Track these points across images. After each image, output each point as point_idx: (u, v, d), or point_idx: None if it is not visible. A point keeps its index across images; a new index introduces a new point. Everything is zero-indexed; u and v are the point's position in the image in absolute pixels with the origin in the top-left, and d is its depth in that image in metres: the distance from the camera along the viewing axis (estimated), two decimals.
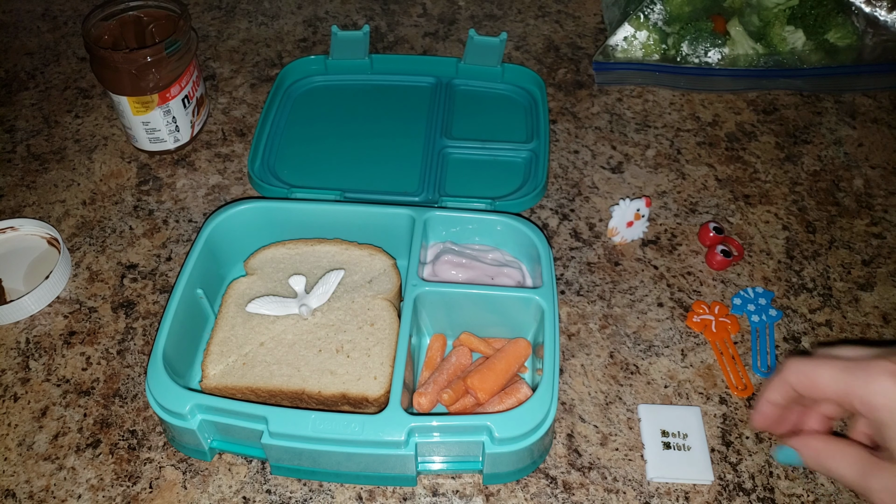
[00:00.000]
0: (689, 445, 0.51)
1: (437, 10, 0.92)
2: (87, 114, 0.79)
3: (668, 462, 0.50)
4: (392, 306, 0.55)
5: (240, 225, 0.59)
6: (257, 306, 0.55)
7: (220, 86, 0.82)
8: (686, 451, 0.51)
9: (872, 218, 0.68)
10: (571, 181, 0.71)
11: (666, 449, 0.51)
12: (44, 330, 0.60)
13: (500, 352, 0.54)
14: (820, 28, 0.79)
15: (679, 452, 0.51)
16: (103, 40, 0.70)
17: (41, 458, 0.53)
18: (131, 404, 0.55)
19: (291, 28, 0.89)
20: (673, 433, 0.51)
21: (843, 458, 0.38)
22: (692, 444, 0.51)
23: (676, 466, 0.50)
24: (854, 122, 0.77)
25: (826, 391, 0.38)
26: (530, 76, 0.77)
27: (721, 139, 0.75)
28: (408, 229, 0.58)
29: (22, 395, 0.56)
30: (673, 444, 0.51)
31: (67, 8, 0.94)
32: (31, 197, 0.71)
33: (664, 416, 0.52)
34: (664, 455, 0.51)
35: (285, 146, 0.73)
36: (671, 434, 0.51)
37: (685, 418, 0.52)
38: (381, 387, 0.50)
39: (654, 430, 0.52)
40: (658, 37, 0.80)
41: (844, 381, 0.37)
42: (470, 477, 0.51)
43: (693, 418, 0.52)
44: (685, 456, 0.51)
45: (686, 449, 0.51)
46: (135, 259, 0.65)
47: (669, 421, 0.52)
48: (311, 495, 0.50)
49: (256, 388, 0.51)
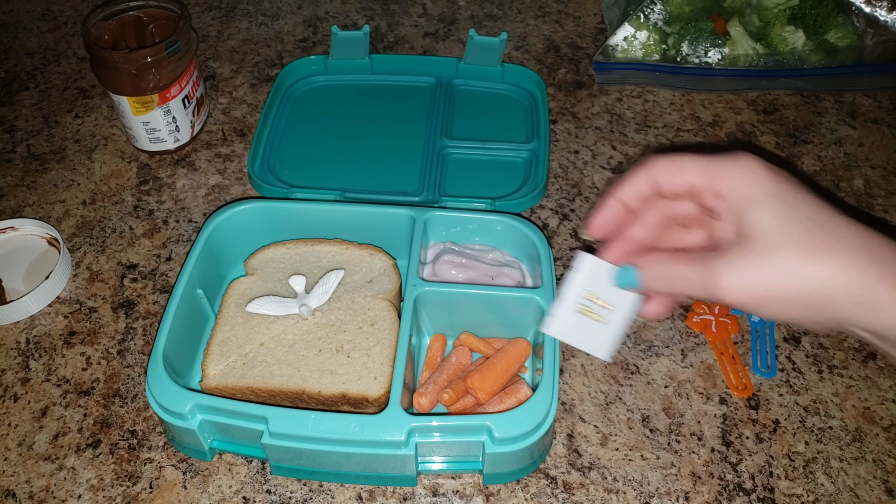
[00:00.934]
0: (605, 318, 0.44)
1: (437, 10, 0.92)
2: (87, 114, 0.79)
3: (574, 325, 0.44)
4: (392, 306, 0.55)
5: (240, 225, 0.59)
6: (257, 306, 0.55)
7: (220, 86, 0.82)
8: (598, 323, 0.44)
9: (872, 218, 0.68)
10: (571, 181, 0.71)
11: (579, 312, 0.44)
12: (44, 330, 0.60)
13: (500, 352, 0.54)
14: (820, 28, 0.78)
15: (591, 321, 0.44)
16: (103, 40, 0.70)
17: (41, 458, 0.53)
18: (131, 404, 0.55)
19: (291, 28, 0.89)
20: (598, 299, 0.44)
21: (681, 267, 0.37)
22: (611, 319, 0.44)
23: (581, 332, 0.44)
24: (854, 123, 0.77)
25: (690, 178, 0.37)
26: (530, 76, 0.77)
27: (721, 139, 0.75)
28: (408, 229, 0.58)
29: (22, 395, 0.56)
30: (592, 309, 0.44)
31: (67, 8, 0.94)
32: (31, 197, 0.71)
33: (602, 278, 0.43)
34: (574, 317, 0.44)
35: (285, 146, 0.73)
36: (595, 299, 0.44)
37: (622, 294, 0.44)
38: (381, 387, 0.50)
39: (579, 287, 0.44)
40: (658, 37, 0.80)
41: (711, 168, 0.37)
42: (470, 477, 0.51)
43: (629, 299, 0.44)
44: (595, 326, 0.44)
45: (600, 320, 0.44)
46: (135, 259, 0.65)
47: (603, 287, 0.43)
48: (311, 495, 0.50)
49: (256, 388, 0.51)
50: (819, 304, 0.34)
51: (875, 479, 0.51)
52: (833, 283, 0.33)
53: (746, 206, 0.35)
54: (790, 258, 0.34)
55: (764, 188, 0.35)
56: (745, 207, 0.35)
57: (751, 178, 0.35)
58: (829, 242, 0.34)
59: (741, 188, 0.36)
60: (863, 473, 0.51)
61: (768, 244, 0.34)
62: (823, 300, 0.34)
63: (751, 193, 0.35)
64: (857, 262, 0.33)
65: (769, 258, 0.34)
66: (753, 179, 0.35)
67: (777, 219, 0.34)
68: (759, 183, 0.35)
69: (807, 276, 0.34)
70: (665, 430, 0.53)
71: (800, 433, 0.53)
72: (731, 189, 0.36)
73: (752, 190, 0.35)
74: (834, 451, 0.52)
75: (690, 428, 0.53)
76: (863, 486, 0.50)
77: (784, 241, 0.34)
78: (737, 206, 0.36)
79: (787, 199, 0.35)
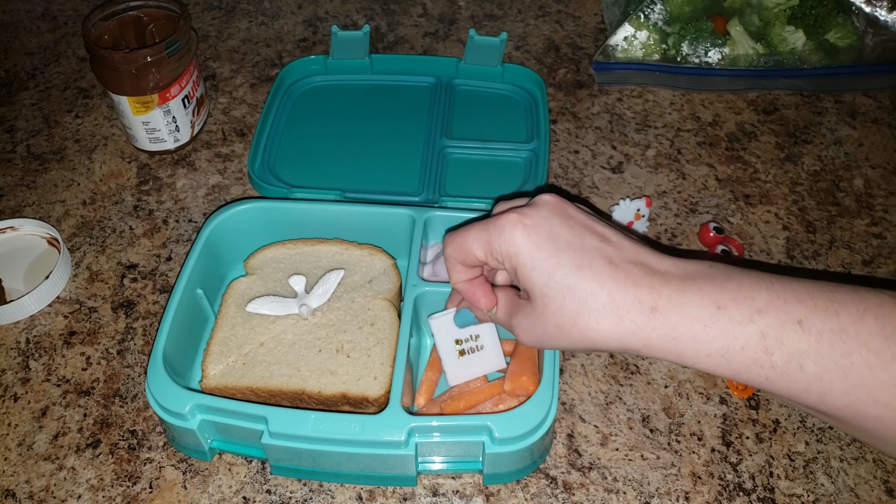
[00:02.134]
0: (481, 345, 0.52)
1: (438, 10, 0.92)
2: (87, 114, 0.79)
3: (465, 366, 0.52)
4: (392, 306, 0.55)
5: (240, 225, 0.59)
6: (257, 306, 0.55)
7: (220, 86, 0.82)
8: (479, 352, 0.52)
9: (872, 218, 0.68)
10: (572, 181, 0.71)
11: (461, 356, 0.52)
12: (44, 330, 0.60)
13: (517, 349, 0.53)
14: (820, 28, 0.78)
15: (473, 355, 0.52)
16: (103, 40, 0.70)
17: (41, 458, 0.52)
18: (131, 404, 0.55)
19: (291, 28, 0.89)
20: (465, 339, 0.52)
21: (500, 309, 0.44)
22: (484, 342, 0.52)
23: (473, 367, 0.52)
24: (854, 122, 0.77)
25: (477, 254, 0.42)
26: (530, 76, 0.77)
27: (721, 139, 0.75)
28: (408, 229, 0.58)
29: (22, 395, 0.56)
30: (467, 349, 0.52)
31: (67, 8, 0.94)
32: (31, 197, 0.71)
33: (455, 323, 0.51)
34: (460, 361, 0.52)
35: (285, 146, 0.73)
36: (464, 340, 0.52)
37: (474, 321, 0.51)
38: (381, 387, 0.50)
39: (448, 342, 0.51)
40: (658, 37, 0.80)
41: (485, 239, 0.41)
42: (470, 477, 0.51)
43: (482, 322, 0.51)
44: (479, 356, 0.52)
45: (479, 349, 0.52)
46: (135, 259, 0.65)
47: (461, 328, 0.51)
48: (311, 495, 0.50)
49: (256, 388, 0.51)
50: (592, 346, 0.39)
51: (875, 479, 0.51)
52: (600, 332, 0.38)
53: (517, 271, 0.40)
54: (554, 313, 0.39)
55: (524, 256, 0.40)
56: (517, 272, 0.40)
57: (513, 246, 0.40)
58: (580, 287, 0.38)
59: (511, 257, 0.40)
60: (863, 473, 0.51)
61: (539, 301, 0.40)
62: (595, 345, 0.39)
63: (517, 262, 0.40)
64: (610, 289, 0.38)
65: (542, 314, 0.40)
66: (515, 246, 0.40)
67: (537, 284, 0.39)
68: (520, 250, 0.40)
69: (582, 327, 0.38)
70: (665, 430, 0.53)
71: (800, 433, 0.53)
72: (504, 258, 0.41)
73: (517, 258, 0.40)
74: (834, 451, 0.52)
75: (690, 428, 0.53)
76: (863, 486, 0.50)
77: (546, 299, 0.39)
78: (512, 268, 0.41)
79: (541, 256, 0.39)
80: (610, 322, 0.37)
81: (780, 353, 0.34)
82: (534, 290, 0.39)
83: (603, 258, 0.38)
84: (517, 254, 0.40)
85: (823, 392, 0.34)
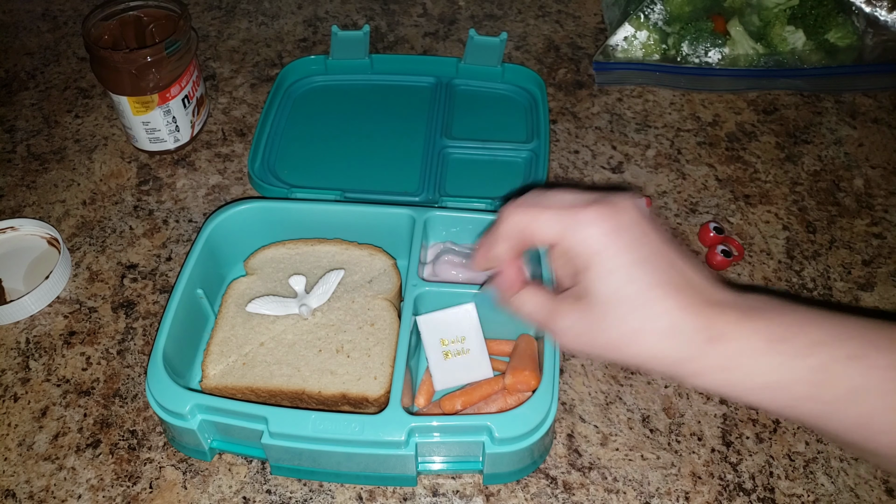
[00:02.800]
0: (467, 349, 0.52)
1: (437, 10, 0.92)
2: (87, 114, 0.79)
3: (451, 370, 0.52)
4: (392, 306, 0.55)
5: (240, 225, 0.59)
6: (257, 306, 0.55)
7: (220, 86, 0.82)
8: (465, 356, 0.52)
9: (873, 218, 0.68)
10: (572, 181, 0.71)
11: (447, 358, 0.52)
12: (44, 330, 0.60)
13: (517, 348, 0.53)
14: (820, 28, 0.78)
15: (459, 358, 0.52)
16: (103, 40, 0.70)
17: (41, 458, 0.52)
18: (131, 404, 0.55)
19: (291, 28, 0.89)
20: (452, 340, 0.51)
21: (533, 302, 0.42)
22: (470, 346, 0.52)
23: (459, 372, 0.52)
24: (854, 122, 0.77)
25: (545, 239, 0.40)
26: (530, 76, 0.77)
27: (721, 139, 0.75)
28: (408, 229, 0.58)
29: (22, 395, 0.56)
30: (452, 351, 0.52)
31: (67, 8, 0.94)
32: (31, 197, 0.71)
33: (441, 323, 0.51)
34: (446, 364, 0.52)
35: (285, 146, 0.73)
36: (450, 342, 0.51)
37: (461, 322, 0.51)
38: (381, 387, 0.50)
39: (434, 341, 0.51)
40: (658, 37, 0.80)
41: (561, 228, 0.39)
42: (470, 477, 0.51)
43: (468, 320, 0.51)
44: (464, 360, 0.52)
45: (465, 353, 0.52)
46: (135, 259, 0.65)
47: (447, 327, 0.51)
48: (311, 495, 0.50)
49: (256, 388, 0.51)
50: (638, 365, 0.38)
51: (875, 479, 0.51)
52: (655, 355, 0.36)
53: (586, 271, 0.38)
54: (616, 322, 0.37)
55: (602, 258, 0.38)
56: (587, 272, 0.38)
57: (592, 245, 0.38)
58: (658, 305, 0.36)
59: (585, 249, 0.38)
60: (863, 473, 0.51)
61: (599, 307, 0.38)
62: (644, 363, 0.37)
63: (590, 262, 0.38)
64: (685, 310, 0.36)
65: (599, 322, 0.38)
66: (595, 245, 0.38)
67: (606, 290, 0.38)
68: (600, 251, 0.38)
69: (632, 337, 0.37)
70: (665, 430, 0.53)
71: (800, 433, 0.53)
72: (575, 254, 0.39)
73: (593, 258, 0.38)
74: (834, 451, 0.52)
75: (690, 428, 0.53)
76: (863, 486, 0.50)
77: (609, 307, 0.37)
78: (579, 264, 0.39)
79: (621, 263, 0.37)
80: (667, 347, 0.36)
81: (834, 388, 0.34)
82: (599, 295, 0.38)
83: (673, 281, 0.37)
84: (596, 254, 0.38)
85: (874, 428, 0.34)
